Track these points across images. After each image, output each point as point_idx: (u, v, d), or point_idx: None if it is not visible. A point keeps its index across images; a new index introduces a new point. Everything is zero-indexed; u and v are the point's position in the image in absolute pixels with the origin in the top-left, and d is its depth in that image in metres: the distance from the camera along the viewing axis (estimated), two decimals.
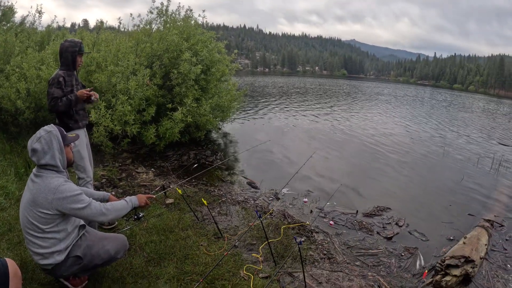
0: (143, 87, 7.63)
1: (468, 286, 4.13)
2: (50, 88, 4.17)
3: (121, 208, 3.16)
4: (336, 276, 4.14)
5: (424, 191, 7.86)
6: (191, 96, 8.18)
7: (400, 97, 40.18)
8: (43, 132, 2.87)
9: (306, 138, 12.78)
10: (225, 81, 10.68)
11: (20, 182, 5.74)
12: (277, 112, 18.46)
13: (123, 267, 3.73)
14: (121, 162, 7.68)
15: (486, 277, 4.35)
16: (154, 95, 8.09)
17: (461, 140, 14.37)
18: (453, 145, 13.12)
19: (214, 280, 3.69)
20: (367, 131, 14.84)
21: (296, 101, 25.01)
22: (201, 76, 8.72)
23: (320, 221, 5.76)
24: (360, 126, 16.04)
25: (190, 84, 8.32)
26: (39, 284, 3.31)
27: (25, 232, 2.90)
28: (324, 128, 14.94)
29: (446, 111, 27.27)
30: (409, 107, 27.56)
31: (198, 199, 5.94)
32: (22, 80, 7.26)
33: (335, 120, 17.30)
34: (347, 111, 21.32)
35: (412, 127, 16.83)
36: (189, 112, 8.05)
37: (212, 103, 8.94)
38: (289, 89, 37.55)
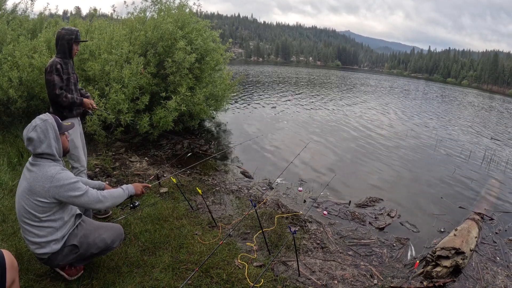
0: (137, 75, 7.58)
1: (458, 277, 4.19)
2: (49, 75, 4.17)
3: (117, 195, 3.17)
4: (329, 265, 4.19)
5: (416, 183, 7.94)
6: (185, 85, 8.14)
7: (394, 89, 40.33)
8: (39, 121, 2.85)
9: (299, 128, 12.80)
10: (219, 70, 10.62)
11: (13, 172, 5.71)
12: (271, 102, 18.45)
13: (118, 256, 3.75)
14: (115, 151, 7.65)
15: (476, 269, 4.42)
16: (148, 83, 8.04)
17: (453, 133, 14.49)
18: (445, 138, 13.22)
19: (209, 269, 3.72)
20: (361, 122, 14.91)
21: (290, 91, 24.99)
22: (195, 65, 8.66)
23: (313, 211, 5.81)
24: (354, 117, 16.10)
25: (185, 73, 8.27)
26: (35, 275, 3.31)
27: (21, 221, 2.90)
28: (318, 118, 14.98)
29: (439, 104, 27.43)
30: (402, 100, 27.69)
31: (192, 188, 5.96)
32: (14, 68, 7.17)
33: (329, 111, 17.35)
34: (341, 103, 21.36)
35: (405, 120, 16.94)
36: (183, 101, 8.02)
37: (206, 92, 8.92)
38: (283, 79, 37.48)
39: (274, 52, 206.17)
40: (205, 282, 3.52)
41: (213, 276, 3.62)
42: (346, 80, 48.75)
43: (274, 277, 3.79)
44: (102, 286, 3.26)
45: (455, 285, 4.03)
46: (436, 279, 4.03)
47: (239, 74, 17.91)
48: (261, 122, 13.21)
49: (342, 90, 30.74)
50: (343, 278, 3.96)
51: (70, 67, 4.39)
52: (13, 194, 4.93)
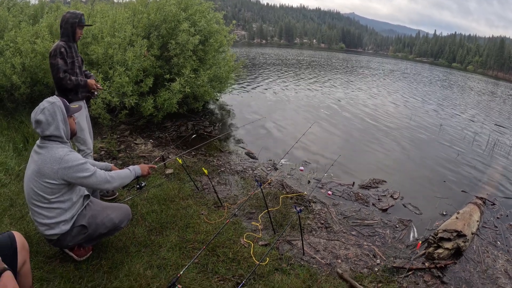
0: (140, 58, 7.56)
1: (459, 259, 4.26)
2: (53, 59, 4.19)
3: (125, 176, 3.21)
4: (333, 244, 4.27)
5: (419, 166, 7.97)
6: (189, 66, 8.11)
7: (399, 72, 40.01)
8: (47, 103, 2.87)
9: (303, 110, 12.81)
10: (223, 52, 10.58)
11: (19, 157, 5.75)
12: (275, 84, 18.41)
13: (126, 236, 3.82)
14: (119, 134, 7.67)
15: (477, 252, 4.48)
16: (152, 66, 8.03)
17: (457, 118, 14.46)
18: (449, 122, 13.20)
19: (216, 248, 3.80)
20: (365, 105, 14.90)
21: (294, 74, 24.89)
22: (199, 46, 8.62)
23: (318, 191, 5.88)
24: (358, 100, 16.06)
25: (188, 55, 8.25)
26: (44, 256, 3.37)
27: (30, 204, 2.94)
28: (322, 101, 14.95)
29: (444, 89, 27.25)
30: (407, 83, 27.52)
31: (198, 169, 6.02)
32: (17, 54, 7.14)
33: (333, 93, 17.29)
34: (345, 85, 21.28)
35: (410, 103, 16.88)
36: (187, 83, 8.01)
37: (210, 74, 8.90)
38: (287, 61, 37.25)
39: (277, 34, 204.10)
40: (212, 261, 3.60)
41: (220, 255, 3.70)
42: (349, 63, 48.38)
43: (279, 256, 3.86)
44: (111, 265, 3.33)
45: (456, 267, 4.10)
46: (437, 261, 4.09)
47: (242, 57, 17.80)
48: (265, 104, 13.21)
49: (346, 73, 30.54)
50: (346, 257, 4.04)
51: (74, 51, 4.40)
52: (19, 179, 5.00)
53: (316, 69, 31.62)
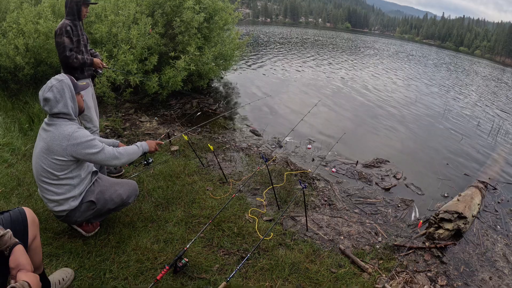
0: (145, 36, 7.52)
1: (459, 241, 4.32)
2: (59, 38, 4.18)
3: (132, 152, 3.25)
4: (335, 221, 4.35)
5: (422, 148, 8.00)
6: (194, 44, 8.07)
7: (404, 54, 39.62)
8: (55, 81, 2.88)
9: (308, 89, 12.77)
10: (228, 30, 10.50)
11: (25, 137, 5.79)
12: (279, 63, 18.29)
13: (133, 212, 3.90)
14: (124, 112, 7.70)
15: (477, 234, 4.53)
16: (156, 44, 7.98)
17: (462, 102, 14.37)
18: (454, 106, 13.15)
19: (221, 223, 3.88)
20: (370, 85, 14.82)
21: (298, 53, 24.69)
22: (204, 24, 8.56)
23: (322, 169, 5.95)
24: (363, 80, 15.98)
25: (193, 33, 8.19)
26: (53, 233, 3.44)
27: (39, 181, 2.98)
28: (327, 80, 14.89)
29: (450, 72, 26.99)
30: (412, 65, 27.27)
31: (203, 146, 6.08)
32: (20, 36, 7.08)
33: (339, 73, 17.20)
34: (351, 65, 21.12)
35: (415, 85, 16.77)
36: (192, 61, 7.98)
37: (215, 52, 8.86)
38: (292, 40, 36.91)
39: (282, 13, 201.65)
40: (217, 235, 3.68)
41: (225, 230, 3.78)
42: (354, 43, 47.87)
43: (283, 231, 3.94)
44: (118, 240, 3.41)
45: (455, 248, 4.15)
46: (437, 241, 4.15)
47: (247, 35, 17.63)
48: (269, 83, 13.16)
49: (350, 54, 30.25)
50: (349, 234, 4.11)
51: (80, 29, 4.39)
52: (26, 158, 5.07)
53: (320, 48, 31.32)
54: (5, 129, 5.83)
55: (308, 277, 3.22)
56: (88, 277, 2.94)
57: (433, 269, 3.71)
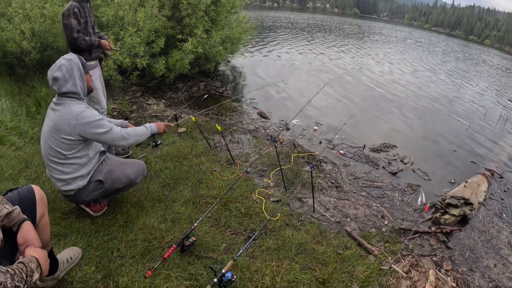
0: (151, 18, 7.45)
1: (465, 227, 4.33)
2: (66, 19, 4.15)
3: (141, 133, 3.25)
4: (342, 203, 4.36)
5: (430, 134, 7.96)
6: (201, 27, 7.98)
7: (413, 41, 39.17)
8: (64, 60, 2.87)
9: (314, 74, 12.71)
10: (235, 13, 10.41)
11: (32, 121, 5.81)
12: (286, 47, 18.15)
13: (140, 192, 3.93)
14: (131, 95, 7.70)
15: (482, 221, 4.54)
16: (163, 26, 7.90)
17: (471, 90, 14.20)
18: (462, 94, 13.03)
19: (228, 203, 3.90)
20: (377, 71, 14.73)
21: (306, 38, 24.49)
22: (211, 7, 8.45)
23: (329, 152, 5.96)
24: (371, 66, 15.87)
25: (200, 15, 8.09)
26: (61, 213, 3.47)
27: (47, 160, 2.99)
28: (334, 65, 14.78)
29: (459, 61, 26.66)
30: (420, 52, 26.98)
31: (210, 128, 6.09)
32: (26, 20, 7.05)
33: (345, 58, 17.08)
34: (359, 51, 20.94)
35: (423, 72, 16.62)
36: (199, 43, 7.91)
37: (223, 35, 8.79)
38: (298, 26, 36.58)
39: None
40: (224, 215, 3.71)
41: (232, 210, 3.80)
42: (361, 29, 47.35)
43: (290, 212, 3.96)
44: (126, 220, 3.44)
45: (461, 234, 4.17)
46: (443, 226, 4.16)
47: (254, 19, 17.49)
48: (276, 67, 13.10)
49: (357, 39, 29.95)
50: (355, 216, 4.12)
51: (87, 11, 4.37)
52: (33, 141, 5.10)
53: (327, 34, 31.03)
54: (12, 113, 5.84)
55: (315, 258, 3.24)
56: (96, 255, 2.97)
57: (439, 253, 3.73)
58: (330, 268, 3.13)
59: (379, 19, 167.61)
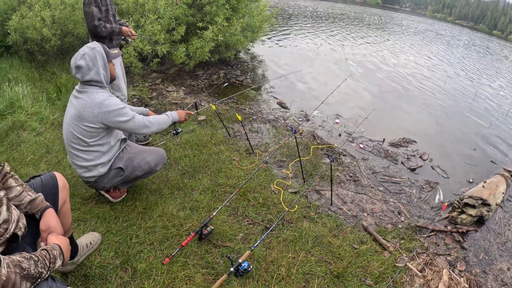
0: (172, 6, 7.48)
1: (481, 228, 4.26)
2: (87, 7, 4.18)
3: (162, 121, 3.30)
4: (360, 198, 4.36)
5: (450, 131, 7.83)
6: (222, 15, 7.98)
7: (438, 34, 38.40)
8: (87, 49, 2.90)
9: (335, 65, 12.57)
10: (256, 1, 10.37)
11: (52, 107, 5.92)
12: (307, 37, 17.97)
13: (159, 179, 3.99)
14: (151, 82, 7.76)
15: (499, 223, 4.47)
16: (184, 14, 7.92)
17: (493, 87, 13.84)
18: (483, 91, 12.69)
19: (246, 192, 3.94)
20: (401, 64, 14.46)
21: (326, 27, 24.19)
22: None
23: (348, 145, 5.94)
24: (394, 59, 15.58)
25: (221, 3, 8.10)
26: (81, 198, 3.56)
27: (69, 147, 3.05)
28: (358, 57, 14.54)
29: (483, 56, 26.06)
30: (446, 47, 26.43)
31: (230, 117, 6.12)
32: (46, 8, 7.11)
33: (369, 50, 16.77)
34: (381, 43, 20.57)
35: (447, 67, 16.26)
36: (219, 31, 7.92)
37: (243, 23, 8.77)
38: (321, 15, 36.18)
39: None
40: (242, 205, 3.74)
41: (250, 199, 3.84)
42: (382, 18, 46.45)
43: (307, 204, 3.98)
44: (145, 206, 3.50)
45: (476, 235, 4.11)
46: (460, 226, 4.12)
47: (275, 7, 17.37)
48: (296, 56, 12.99)
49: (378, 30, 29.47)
50: (372, 211, 4.12)
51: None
52: (54, 127, 5.20)
53: (347, 23, 30.64)
54: (33, 99, 5.96)
55: (331, 251, 3.26)
56: (115, 241, 3.04)
57: (453, 253, 3.70)
58: (345, 262, 3.15)
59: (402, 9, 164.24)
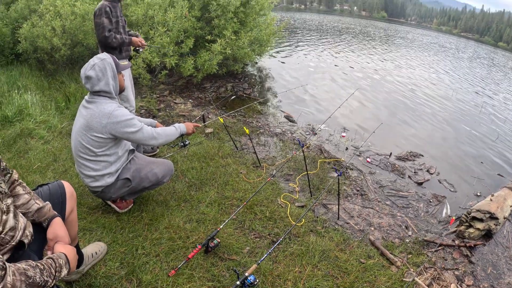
0: (181, 18, 7.57)
1: (489, 242, 4.22)
2: (98, 18, 4.27)
3: (170, 133, 3.32)
4: (367, 212, 4.34)
5: (457, 144, 7.81)
6: (230, 28, 8.10)
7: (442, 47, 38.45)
8: (97, 59, 2.93)
9: (342, 78, 12.60)
10: (263, 15, 10.47)
11: (61, 115, 5.99)
12: (313, 51, 18.06)
13: (166, 191, 4.00)
14: (159, 93, 7.83)
15: (507, 237, 4.42)
16: (192, 27, 8.02)
17: (500, 100, 13.81)
18: (491, 104, 12.67)
19: (253, 206, 3.93)
20: (407, 78, 14.49)
21: (333, 41, 24.35)
22: (240, 9, 8.57)
23: (355, 159, 5.93)
24: (400, 72, 15.63)
25: (229, 17, 8.20)
26: (88, 208, 3.58)
27: (77, 156, 3.07)
28: (364, 71, 14.61)
29: (489, 69, 26.03)
30: (451, 60, 26.44)
31: (237, 129, 6.14)
32: (57, 17, 7.23)
33: (375, 64, 16.84)
34: (388, 56, 20.63)
35: (452, 80, 16.25)
36: (227, 45, 8.01)
37: (251, 37, 8.87)
38: (327, 28, 36.40)
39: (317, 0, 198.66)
40: (249, 218, 3.73)
41: (257, 213, 3.83)
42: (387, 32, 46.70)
43: (314, 218, 3.97)
44: (151, 218, 3.51)
45: (484, 249, 4.08)
46: (467, 240, 4.08)
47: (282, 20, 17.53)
48: (303, 70, 13.06)
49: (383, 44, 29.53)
50: (379, 225, 4.10)
51: (118, 10, 4.48)
52: (62, 136, 5.25)
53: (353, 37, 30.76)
54: (42, 108, 6.02)
55: (337, 266, 3.24)
56: (121, 252, 3.04)
57: (461, 267, 3.66)
58: (352, 277, 3.12)
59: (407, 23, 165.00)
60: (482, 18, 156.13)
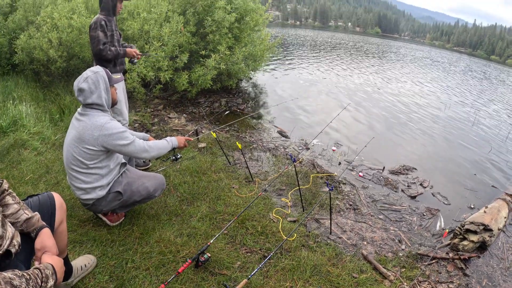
0: (176, 33, 7.65)
1: (483, 254, 4.21)
2: (93, 32, 4.30)
3: (162, 147, 3.31)
4: (360, 226, 4.32)
5: (450, 157, 7.83)
6: (224, 44, 8.17)
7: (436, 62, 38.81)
8: (90, 72, 2.95)
9: (335, 93, 12.68)
10: (258, 31, 10.58)
11: (55, 127, 5.98)
12: (307, 65, 18.24)
13: (158, 205, 3.99)
14: (153, 107, 7.86)
15: (501, 248, 4.42)
16: (187, 42, 8.09)
17: (492, 112, 13.92)
18: (484, 116, 12.77)
19: (245, 221, 3.91)
20: (399, 92, 14.59)
21: (328, 56, 24.57)
22: (235, 24, 8.66)
23: (348, 173, 5.92)
24: (392, 86, 15.75)
25: (224, 32, 8.28)
26: (78, 220, 3.55)
27: (69, 168, 3.06)
28: (356, 85, 14.72)
29: (481, 82, 26.26)
30: (443, 73, 26.68)
31: (230, 144, 6.14)
32: (54, 30, 7.30)
33: (367, 78, 16.98)
34: (380, 71, 20.80)
35: (444, 93, 16.40)
36: (222, 60, 8.07)
37: (245, 52, 8.94)
38: (321, 44, 36.75)
39: (311, 16, 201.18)
40: (240, 233, 3.71)
41: (248, 228, 3.81)
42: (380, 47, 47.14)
43: (306, 233, 3.94)
44: (142, 231, 3.48)
45: (479, 261, 4.06)
46: (461, 252, 4.07)
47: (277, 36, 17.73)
48: (297, 85, 13.15)
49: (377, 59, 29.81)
50: (372, 240, 4.08)
51: (113, 24, 4.51)
52: (55, 147, 5.24)
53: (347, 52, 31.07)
54: (36, 119, 6.02)
55: (329, 280, 3.21)
56: (110, 265, 3.01)
57: (456, 280, 3.64)
58: None
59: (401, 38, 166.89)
60: (475, 32, 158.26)
